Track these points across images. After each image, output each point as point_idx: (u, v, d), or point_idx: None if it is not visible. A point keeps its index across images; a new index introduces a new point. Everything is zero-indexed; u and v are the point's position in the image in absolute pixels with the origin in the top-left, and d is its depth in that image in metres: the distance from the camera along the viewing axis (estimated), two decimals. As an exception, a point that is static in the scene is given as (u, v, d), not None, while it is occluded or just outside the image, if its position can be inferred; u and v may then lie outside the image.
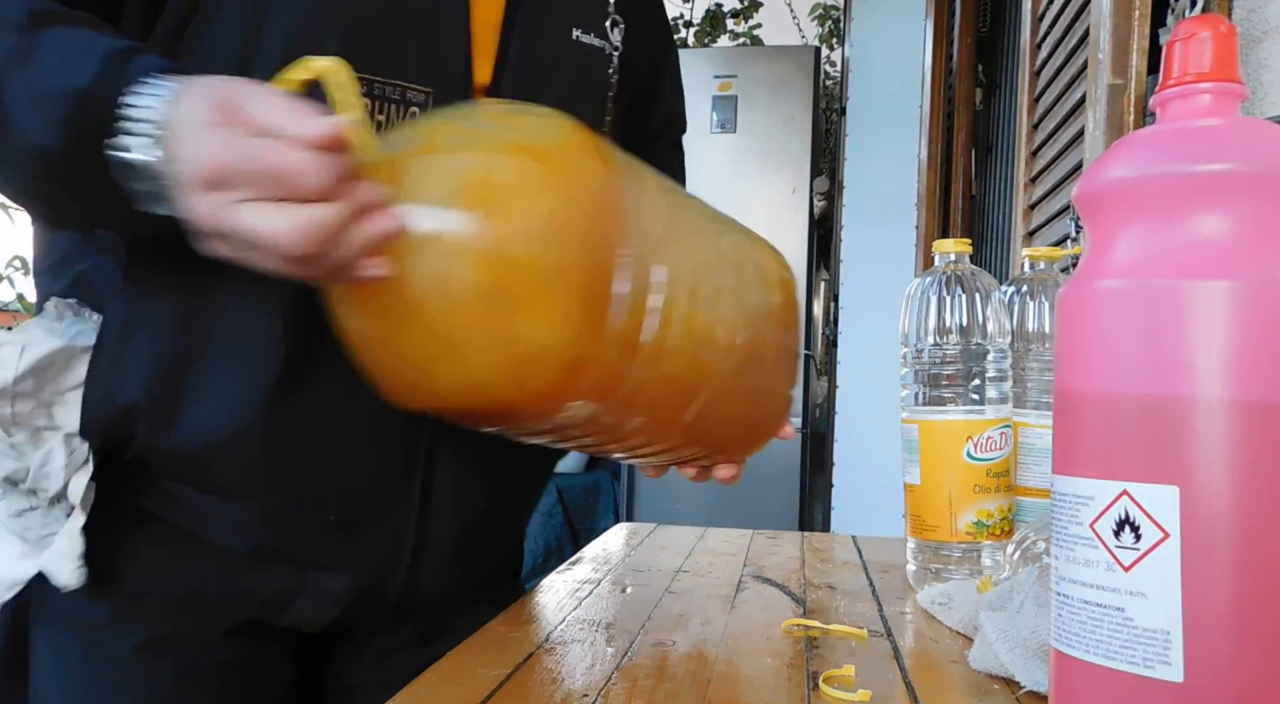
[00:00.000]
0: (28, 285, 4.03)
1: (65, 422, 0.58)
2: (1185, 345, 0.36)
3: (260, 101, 0.46)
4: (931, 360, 0.78)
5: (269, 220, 0.45)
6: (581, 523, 3.07)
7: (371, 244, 0.47)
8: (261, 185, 0.45)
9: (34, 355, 0.57)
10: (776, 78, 3.14)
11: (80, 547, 0.57)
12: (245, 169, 0.44)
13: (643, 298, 0.52)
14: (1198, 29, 0.40)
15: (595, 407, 0.54)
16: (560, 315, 0.48)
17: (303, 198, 0.45)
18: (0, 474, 0.57)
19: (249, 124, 0.45)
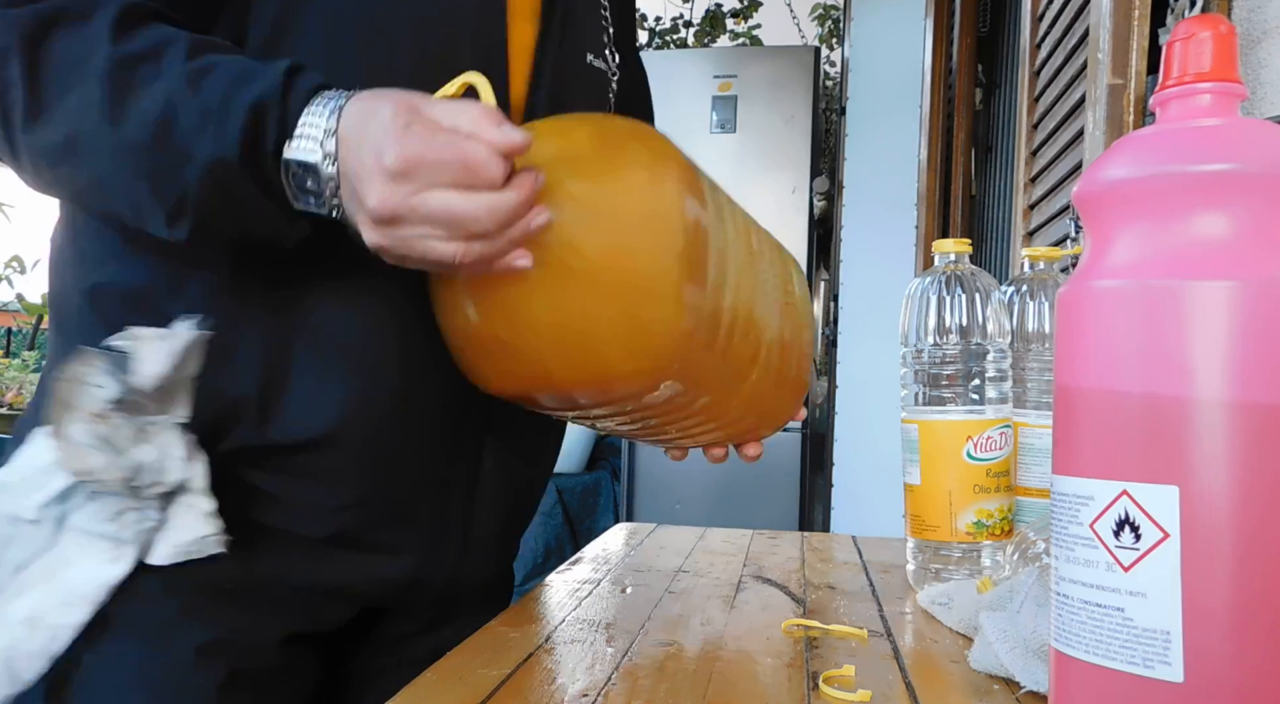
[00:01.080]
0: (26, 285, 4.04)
1: (176, 412, 0.58)
2: (1185, 345, 0.36)
3: (440, 104, 0.51)
4: (931, 360, 0.78)
5: (461, 202, 0.50)
6: (581, 523, 3.07)
7: (526, 236, 0.52)
8: (451, 173, 0.50)
9: (175, 348, 0.57)
10: (776, 78, 3.14)
11: (214, 527, 0.58)
12: (435, 158, 0.50)
13: (721, 284, 0.59)
14: (1197, 29, 0.40)
15: (679, 386, 0.60)
16: (673, 302, 0.56)
17: (487, 187, 0.50)
18: (118, 478, 0.56)
19: (435, 122, 0.50)
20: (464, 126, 0.50)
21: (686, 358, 0.58)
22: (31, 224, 5.02)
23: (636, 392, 0.59)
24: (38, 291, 3.73)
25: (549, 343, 0.57)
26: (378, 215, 0.51)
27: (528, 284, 0.55)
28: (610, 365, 0.57)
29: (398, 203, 0.50)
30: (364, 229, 0.52)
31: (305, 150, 0.52)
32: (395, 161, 0.49)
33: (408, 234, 0.51)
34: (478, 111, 0.51)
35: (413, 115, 0.51)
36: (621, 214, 0.56)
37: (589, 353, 0.56)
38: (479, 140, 0.50)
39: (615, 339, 0.56)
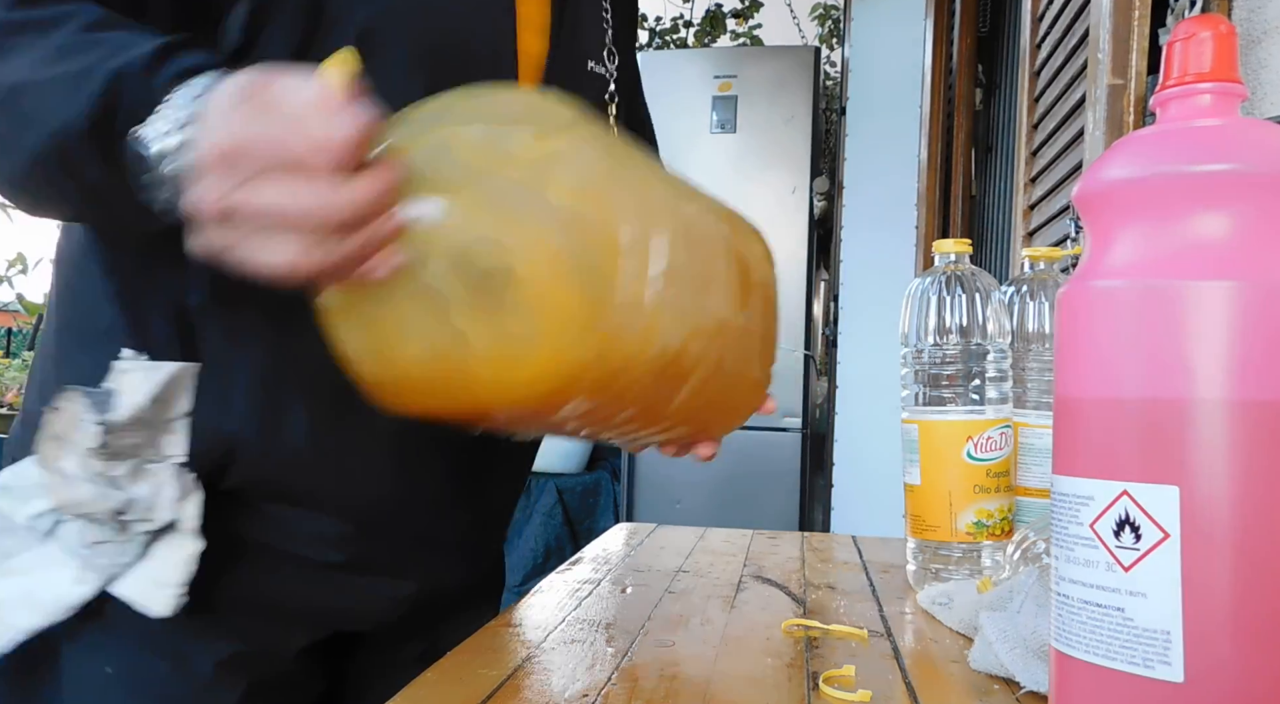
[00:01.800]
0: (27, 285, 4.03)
1: (172, 451, 0.57)
2: (1185, 345, 0.36)
3: (287, 81, 0.44)
4: (931, 360, 0.78)
5: (287, 195, 0.43)
6: (581, 523, 3.07)
7: (382, 241, 0.45)
8: (277, 161, 0.42)
9: (157, 380, 0.56)
10: (776, 78, 3.14)
11: (189, 573, 0.57)
12: (257, 144, 0.42)
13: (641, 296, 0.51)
14: (1198, 29, 0.40)
15: (589, 404, 0.53)
16: (568, 314, 0.47)
17: (321, 177, 0.43)
18: (108, 509, 0.55)
19: (269, 103, 0.43)
20: (296, 107, 0.43)
21: (585, 382, 0.50)
22: (33, 224, 5.02)
23: (532, 416, 0.53)
24: (39, 291, 3.73)
25: (417, 374, 0.50)
26: (203, 211, 0.44)
27: (387, 303, 0.47)
28: (491, 396, 0.50)
29: (221, 195, 0.43)
30: (200, 230, 0.45)
31: (148, 140, 0.45)
32: (211, 150, 0.43)
33: (240, 235, 0.44)
34: (316, 89, 0.43)
35: (247, 95, 0.44)
36: (504, 219, 0.46)
37: (465, 384, 0.49)
38: (312, 124, 0.42)
39: (490, 369, 0.48)
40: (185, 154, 0.44)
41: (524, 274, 0.46)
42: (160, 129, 0.45)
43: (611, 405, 0.55)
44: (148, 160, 0.45)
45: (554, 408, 0.52)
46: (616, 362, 0.51)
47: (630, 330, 0.50)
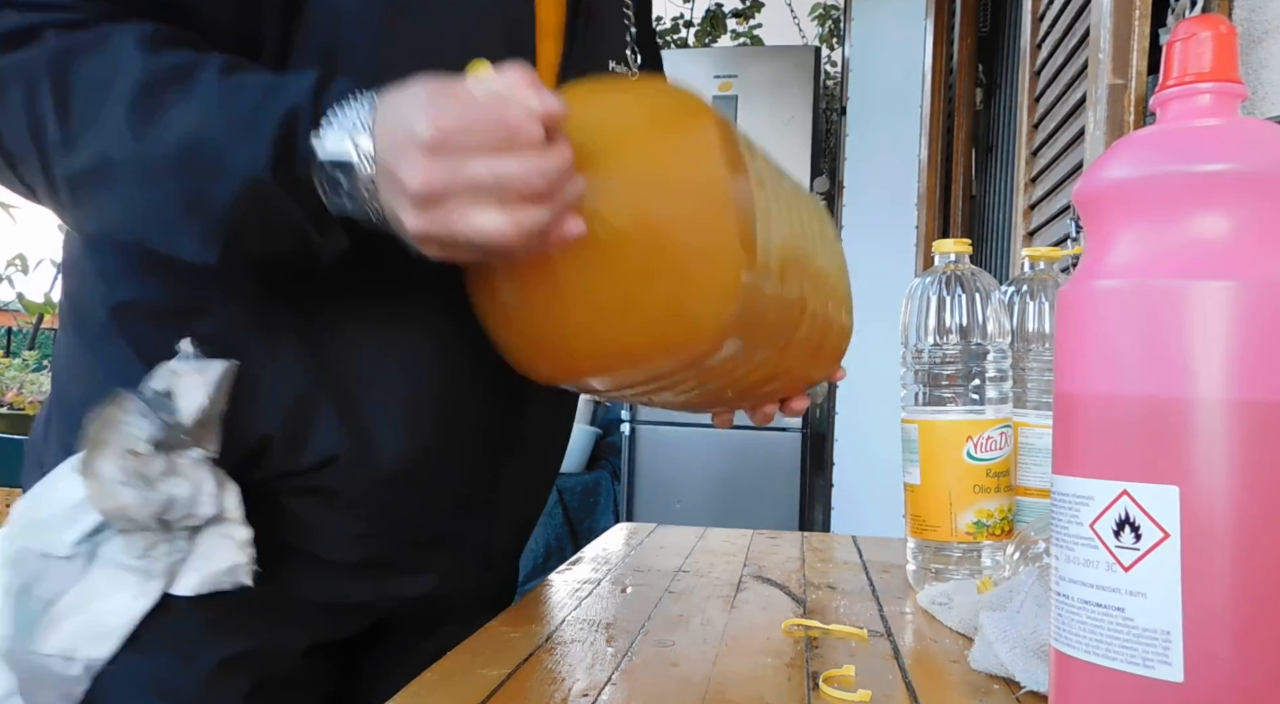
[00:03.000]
0: (27, 285, 4.04)
1: (208, 447, 0.58)
2: (1185, 345, 0.36)
3: (470, 79, 0.49)
4: (931, 360, 0.78)
5: (508, 163, 0.47)
6: (581, 523, 3.07)
7: (575, 201, 0.50)
8: (491, 137, 0.47)
9: (211, 379, 0.56)
10: (777, 78, 3.14)
11: (249, 555, 0.58)
12: (472, 124, 0.47)
13: (769, 235, 0.58)
14: (1198, 29, 0.40)
15: (740, 343, 0.59)
16: (731, 255, 0.54)
17: (529, 148, 0.47)
18: (150, 513, 0.55)
19: (466, 92, 0.48)
20: (498, 90, 0.48)
21: (747, 312, 0.56)
22: (35, 224, 5.02)
23: (702, 355, 0.58)
24: (39, 291, 3.73)
25: (607, 320, 0.55)
26: (420, 194, 0.47)
27: (580, 259, 0.53)
28: (673, 332, 0.55)
29: (439, 176, 0.47)
30: (407, 217, 0.49)
31: (334, 148, 0.49)
32: (430, 132, 0.47)
33: (453, 211, 0.48)
34: (511, 74, 0.49)
35: (442, 89, 0.49)
36: (671, 176, 0.54)
37: (651, 324, 0.55)
38: (515, 101, 0.47)
39: (678, 305, 0.54)
40: (372, 152, 0.48)
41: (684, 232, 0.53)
42: (343, 134, 0.49)
43: (752, 344, 0.61)
44: (337, 164, 0.49)
45: (717, 346, 0.57)
46: (764, 299, 0.58)
47: (771, 272, 0.58)
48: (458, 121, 0.47)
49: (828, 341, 0.70)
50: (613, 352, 0.57)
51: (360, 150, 0.49)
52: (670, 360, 0.58)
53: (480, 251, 0.50)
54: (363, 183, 0.49)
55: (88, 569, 0.58)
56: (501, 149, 0.47)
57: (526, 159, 0.47)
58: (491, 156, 0.47)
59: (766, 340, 0.62)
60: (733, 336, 0.57)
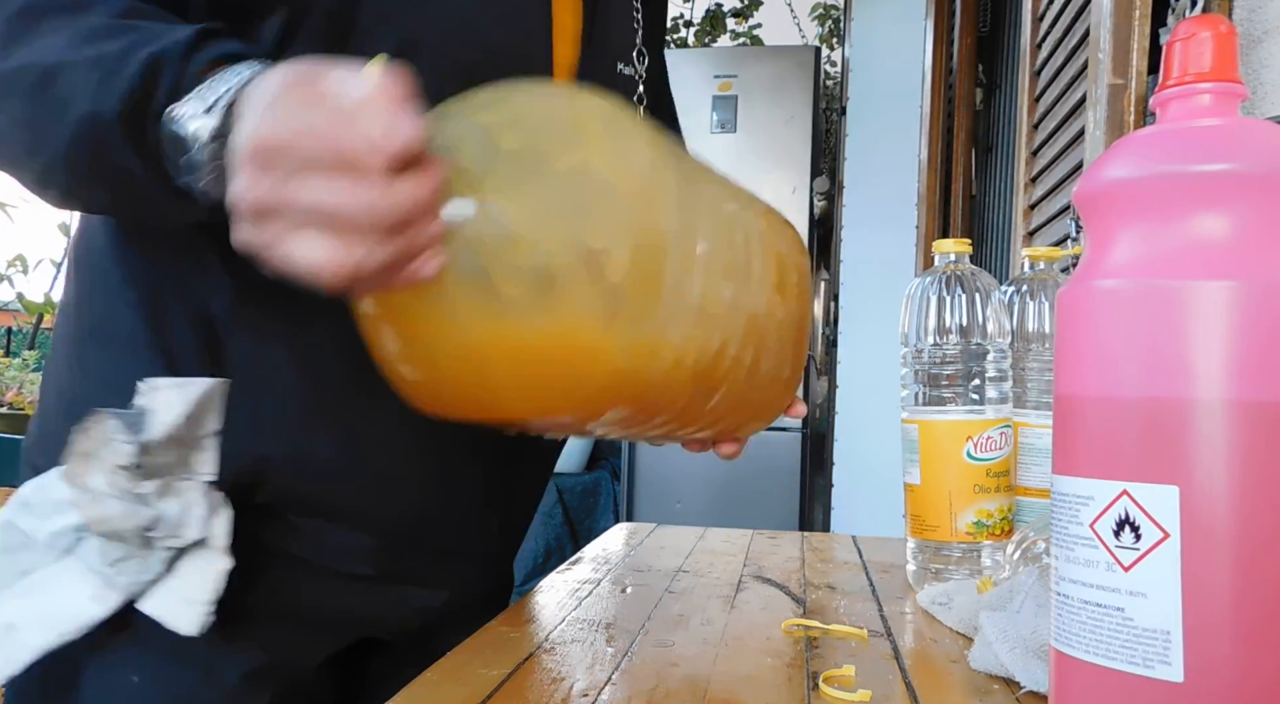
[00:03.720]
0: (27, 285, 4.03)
1: (203, 469, 0.57)
2: (1185, 346, 0.36)
3: (339, 74, 0.41)
4: (931, 360, 0.78)
5: (333, 194, 0.40)
6: (581, 523, 3.07)
7: (427, 243, 0.43)
8: (324, 159, 0.40)
9: (190, 397, 0.55)
10: (776, 78, 3.14)
11: (217, 591, 0.56)
12: (302, 141, 0.40)
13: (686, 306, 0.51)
14: (1198, 29, 0.40)
15: (625, 411, 0.53)
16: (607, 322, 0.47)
17: (369, 178, 0.40)
18: (135, 526, 0.55)
19: (318, 95, 0.41)
20: (348, 102, 0.40)
21: (625, 394, 0.50)
22: (34, 224, 5.01)
23: (572, 422, 0.53)
24: (39, 291, 3.73)
25: (463, 377, 0.49)
26: (246, 205, 0.42)
27: (439, 305, 0.46)
28: (533, 404, 0.49)
29: (263, 192, 0.41)
30: (236, 225, 0.43)
31: (183, 119, 0.44)
32: (254, 142, 0.41)
33: (279, 232, 0.42)
34: (371, 85, 0.40)
35: (296, 88, 0.42)
36: (551, 223, 0.45)
37: (505, 392, 0.48)
38: (362, 124, 0.40)
39: (533, 377, 0.47)
40: (223, 136, 0.43)
41: (564, 281, 0.45)
42: (197, 108, 0.44)
43: (649, 410, 0.54)
44: (184, 141, 0.44)
45: (594, 416, 0.51)
46: (657, 371, 0.50)
47: (672, 337, 0.50)
48: (286, 136, 0.40)
49: (764, 399, 0.65)
50: (473, 410, 0.52)
51: (207, 127, 0.43)
52: (535, 427, 0.53)
53: (311, 281, 0.43)
54: (200, 165, 0.44)
55: (61, 559, 0.57)
56: (334, 173, 0.40)
57: (359, 191, 0.40)
58: (320, 181, 0.40)
59: (665, 409, 0.55)
60: (611, 410, 0.52)
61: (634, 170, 0.47)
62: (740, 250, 0.56)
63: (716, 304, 0.53)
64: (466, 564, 0.72)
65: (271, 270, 0.43)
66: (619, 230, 0.46)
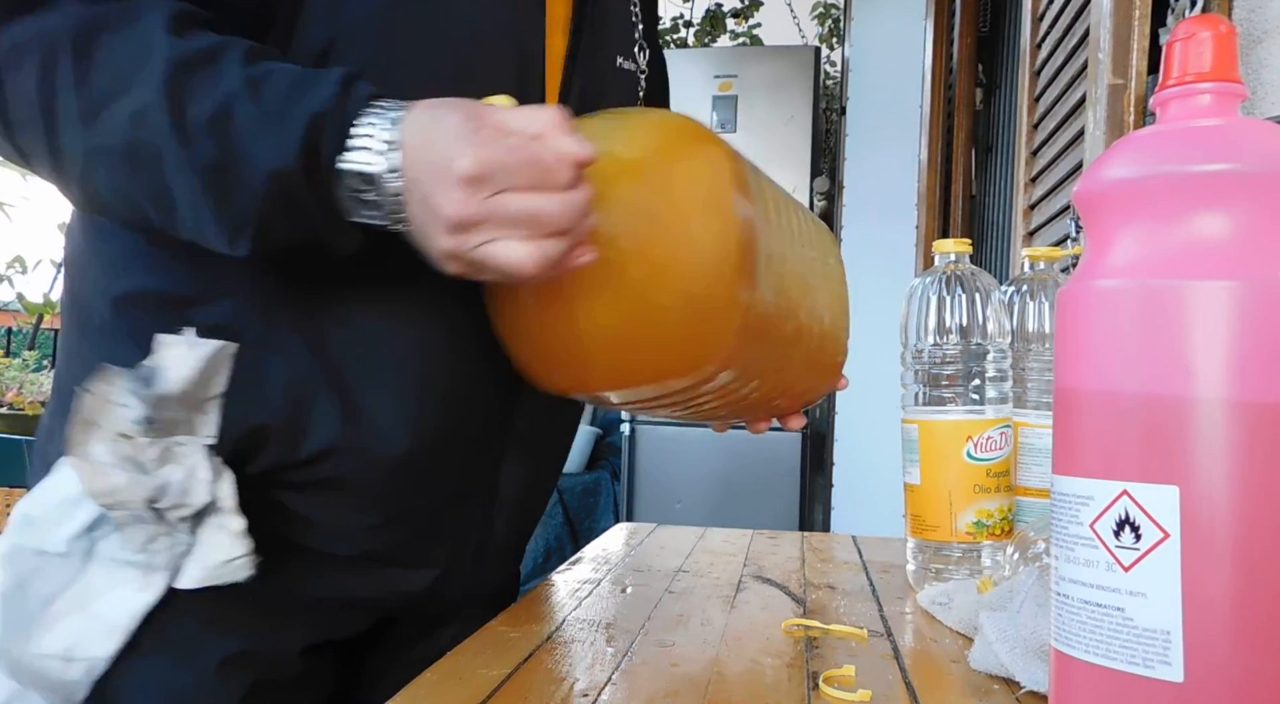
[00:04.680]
0: (26, 285, 4.04)
1: (204, 432, 0.57)
2: (1185, 345, 0.36)
3: (504, 112, 0.51)
4: (931, 360, 0.78)
5: (544, 202, 0.50)
6: (581, 523, 3.07)
7: (586, 234, 0.53)
8: (527, 176, 0.50)
9: (201, 354, 0.56)
10: (776, 78, 3.14)
11: (247, 545, 0.58)
12: (511, 162, 0.50)
13: (770, 272, 0.60)
14: (1198, 29, 0.40)
15: (734, 373, 0.61)
16: (730, 296, 0.57)
17: (560, 189, 0.50)
18: (142, 498, 0.55)
19: (503, 127, 0.50)
20: (533, 130, 0.50)
21: (742, 349, 0.59)
22: (33, 224, 5.02)
23: (695, 384, 0.61)
24: (38, 291, 3.73)
25: (610, 343, 0.58)
26: (456, 222, 0.50)
27: (589, 286, 0.56)
28: (669, 362, 0.58)
29: (476, 208, 0.50)
30: (438, 238, 0.51)
31: (363, 161, 0.51)
32: (471, 166, 0.49)
33: (483, 240, 0.51)
34: (548, 115, 0.51)
35: (481, 121, 0.51)
36: (674, 211, 0.57)
37: (649, 352, 0.58)
38: (552, 144, 0.50)
39: (675, 337, 0.57)
40: (400, 167, 0.51)
41: (686, 263, 0.56)
42: (371, 147, 0.51)
43: (746, 375, 0.63)
44: (364, 176, 0.51)
45: (713, 375, 0.60)
46: (760, 331, 0.60)
47: (769, 307, 0.60)
48: (497, 159, 0.49)
49: (823, 362, 0.73)
50: (618, 372, 0.60)
51: (389, 165, 0.51)
52: (672, 382, 0.60)
53: (501, 276, 0.52)
54: (388, 195, 0.51)
55: (85, 566, 0.57)
56: (535, 188, 0.50)
57: (557, 199, 0.50)
58: (526, 194, 0.50)
59: (762, 366, 0.64)
60: (730, 366, 0.60)
61: (725, 171, 0.58)
62: (802, 238, 0.67)
63: (794, 282, 0.64)
64: (454, 550, 0.71)
65: (461, 270, 0.52)
66: (724, 215, 0.57)
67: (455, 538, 0.71)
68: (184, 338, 0.57)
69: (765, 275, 0.60)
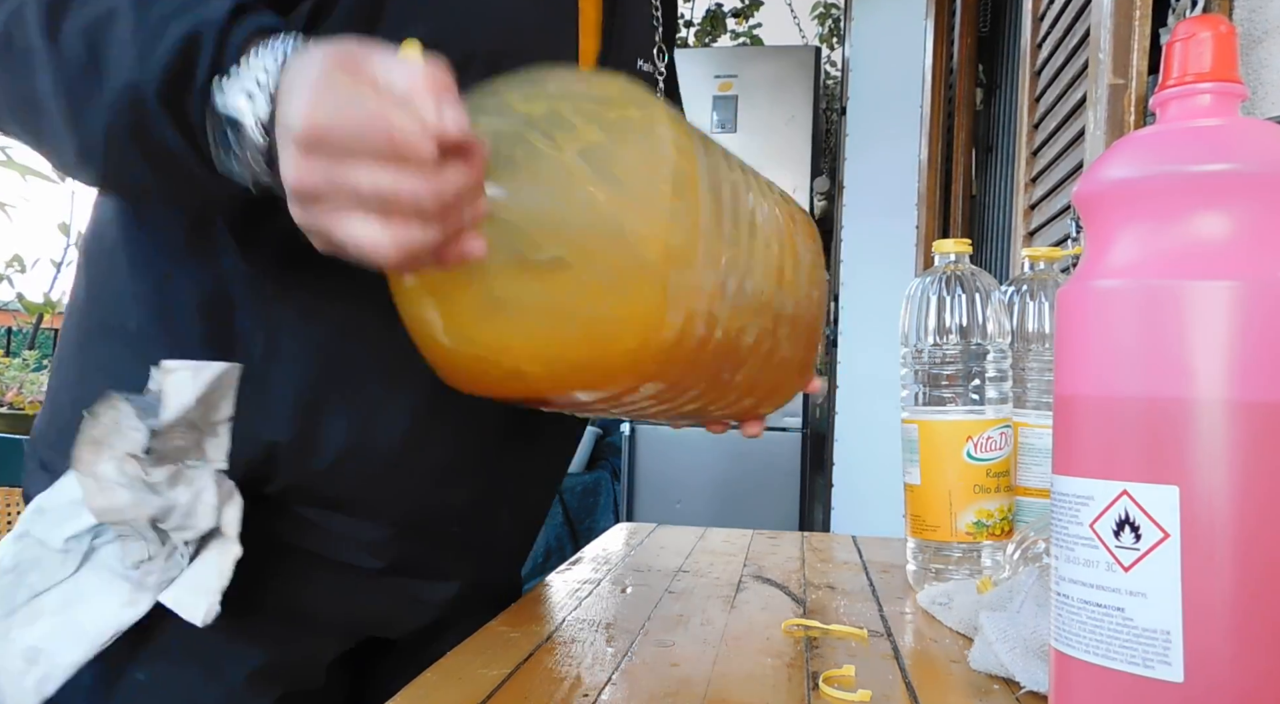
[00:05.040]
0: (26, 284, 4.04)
1: (214, 456, 0.57)
2: (1185, 345, 0.36)
3: (385, 59, 0.42)
4: (931, 360, 0.78)
5: (391, 180, 0.41)
6: (581, 523, 3.07)
7: (474, 222, 0.45)
8: (373, 146, 0.41)
9: (203, 380, 0.55)
10: (777, 77, 3.14)
11: (227, 580, 0.55)
12: (354, 128, 0.41)
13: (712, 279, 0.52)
14: (1198, 29, 0.40)
15: (662, 385, 0.55)
16: (653, 307, 0.48)
17: (418, 165, 0.41)
18: (145, 516, 0.55)
19: (367, 80, 0.41)
20: (396, 90, 0.41)
21: (668, 365, 0.51)
22: (32, 224, 5.02)
23: (610, 397, 0.54)
24: (38, 291, 3.73)
25: (510, 348, 0.50)
26: (294, 189, 0.43)
27: (481, 282, 0.49)
28: (578, 375, 0.51)
29: (316, 176, 0.42)
30: (290, 205, 0.44)
31: (234, 105, 0.44)
32: (305, 128, 0.41)
33: (332, 214, 0.43)
34: (416, 74, 0.41)
35: (342, 71, 0.42)
36: (594, 198, 0.47)
37: (554, 361, 0.50)
38: (415, 110, 0.41)
39: (581, 347, 0.49)
40: (268, 118, 0.43)
41: (602, 259, 0.47)
42: (244, 89, 0.44)
43: (681, 385, 0.56)
44: (230, 121, 0.44)
45: (631, 390, 0.53)
46: (690, 347, 0.52)
47: (705, 314, 0.52)
48: (336, 121, 0.41)
49: (786, 367, 0.66)
50: (518, 383, 0.53)
51: (256, 117, 0.44)
52: (574, 398, 0.54)
53: (362, 260, 0.44)
54: (250, 150, 0.44)
55: (80, 568, 0.57)
56: (385, 160, 0.41)
57: (412, 177, 0.41)
58: (373, 167, 0.41)
59: (697, 384, 0.57)
60: (649, 384, 0.53)
61: (664, 151, 0.49)
62: (762, 237, 0.58)
63: (742, 286, 0.55)
64: (476, 559, 0.71)
65: (322, 249, 0.44)
66: (653, 209, 0.48)
67: (476, 546, 0.71)
68: (187, 363, 0.56)
69: (707, 290, 0.51)
